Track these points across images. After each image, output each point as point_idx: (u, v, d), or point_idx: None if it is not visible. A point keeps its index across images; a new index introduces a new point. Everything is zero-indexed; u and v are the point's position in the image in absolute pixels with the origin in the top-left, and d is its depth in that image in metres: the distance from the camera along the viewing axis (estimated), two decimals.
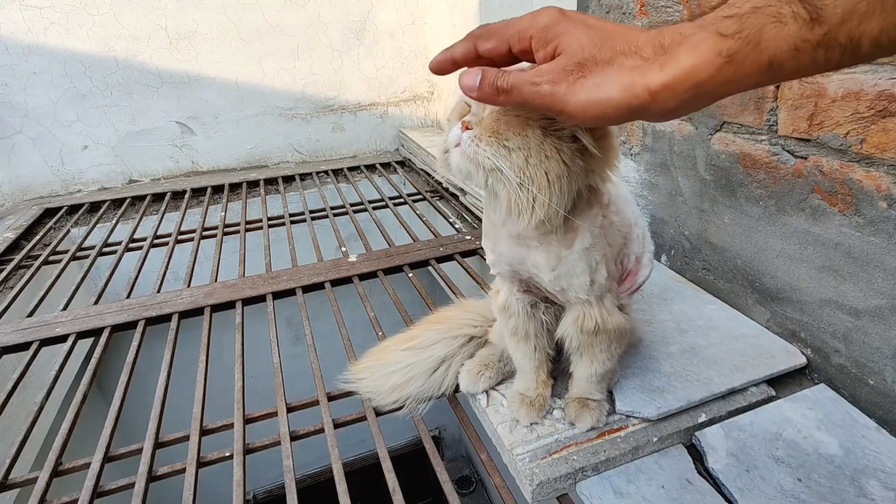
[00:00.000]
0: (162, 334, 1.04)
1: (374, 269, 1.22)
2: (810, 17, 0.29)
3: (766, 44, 0.31)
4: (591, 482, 0.64)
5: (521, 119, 0.47)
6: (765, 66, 0.32)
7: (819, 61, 0.31)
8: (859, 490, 0.59)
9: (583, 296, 0.58)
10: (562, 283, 0.57)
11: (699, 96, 0.35)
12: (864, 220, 0.67)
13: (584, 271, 0.56)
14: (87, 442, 0.89)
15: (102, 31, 1.86)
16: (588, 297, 0.58)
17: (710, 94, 0.35)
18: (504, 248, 0.58)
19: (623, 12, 1.04)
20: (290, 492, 0.69)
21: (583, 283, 0.57)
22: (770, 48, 0.31)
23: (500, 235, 0.58)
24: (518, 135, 0.47)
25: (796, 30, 0.30)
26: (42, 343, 1.04)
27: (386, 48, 2.24)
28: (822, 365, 0.77)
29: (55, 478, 0.77)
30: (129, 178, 2.08)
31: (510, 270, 0.60)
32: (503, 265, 0.60)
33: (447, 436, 3.31)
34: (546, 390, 0.70)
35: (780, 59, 0.31)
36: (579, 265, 0.56)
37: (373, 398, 0.79)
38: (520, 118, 0.47)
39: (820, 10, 0.29)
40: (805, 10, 0.30)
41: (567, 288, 0.57)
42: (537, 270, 0.57)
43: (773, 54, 0.31)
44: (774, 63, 0.31)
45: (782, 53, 0.31)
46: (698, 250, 0.98)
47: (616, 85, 0.36)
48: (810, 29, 0.30)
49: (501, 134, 0.47)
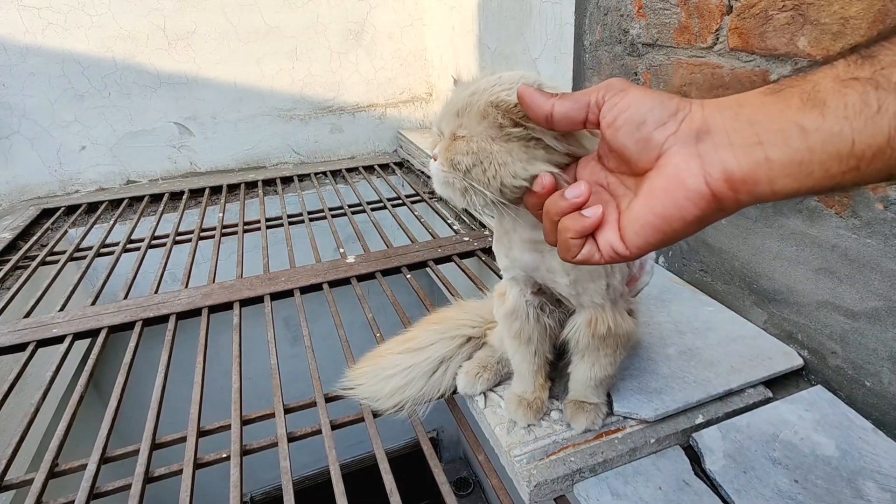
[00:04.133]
0: (159, 335, 1.03)
1: (372, 270, 1.22)
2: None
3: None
4: (588, 483, 0.64)
5: (466, 138, 0.48)
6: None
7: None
8: (856, 491, 0.59)
9: (598, 300, 0.57)
10: (577, 288, 0.56)
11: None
12: (861, 222, 0.67)
13: (600, 275, 0.56)
14: (84, 443, 0.89)
15: (100, 32, 1.86)
16: (603, 301, 0.58)
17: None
18: (517, 254, 0.58)
19: (621, 14, 1.05)
20: (288, 493, 0.69)
21: (599, 287, 0.56)
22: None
23: (512, 241, 0.58)
24: (468, 153, 0.47)
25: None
26: (39, 344, 1.03)
27: (384, 49, 2.24)
28: (819, 366, 0.77)
29: (51, 479, 0.77)
30: (127, 179, 2.08)
31: (525, 275, 0.60)
32: (517, 270, 0.60)
33: (445, 437, 3.31)
34: (544, 393, 0.70)
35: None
36: (596, 269, 0.55)
37: (372, 403, 0.78)
38: (465, 138, 0.48)
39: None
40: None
41: (582, 292, 0.57)
42: (552, 275, 0.56)
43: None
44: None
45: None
46: (696, 252, 0.98)
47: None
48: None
49: (455, 157, 0.48)
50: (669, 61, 0.95)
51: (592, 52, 1.17)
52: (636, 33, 1.02)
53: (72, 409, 0.86)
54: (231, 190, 1.98)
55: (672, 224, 0.35)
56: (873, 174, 0.28)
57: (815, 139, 0.29)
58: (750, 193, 0.33)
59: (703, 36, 0.86)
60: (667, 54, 0.95)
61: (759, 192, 0.32)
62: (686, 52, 0.91)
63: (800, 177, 0.30)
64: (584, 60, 1.20)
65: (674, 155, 0.35)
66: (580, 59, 1.22)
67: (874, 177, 0.29)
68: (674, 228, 0.36)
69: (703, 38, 0.86)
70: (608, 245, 0.39)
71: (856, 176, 0.29)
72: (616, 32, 1.07)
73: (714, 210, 0.34)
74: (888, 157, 0.27)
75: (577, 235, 0.40)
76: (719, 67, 0.85)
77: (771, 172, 0.31)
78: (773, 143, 0.31)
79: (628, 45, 1.05)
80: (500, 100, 0.45)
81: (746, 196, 0.33)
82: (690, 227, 0.35)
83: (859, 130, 0.28)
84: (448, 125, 0.49)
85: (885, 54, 0.27)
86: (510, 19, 1.53)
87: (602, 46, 1.13)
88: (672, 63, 0.94)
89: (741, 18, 0.79)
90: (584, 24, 1.17)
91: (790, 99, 0.31)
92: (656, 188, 0.36)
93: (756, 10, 0.76)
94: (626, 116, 0.37)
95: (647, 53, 1.00)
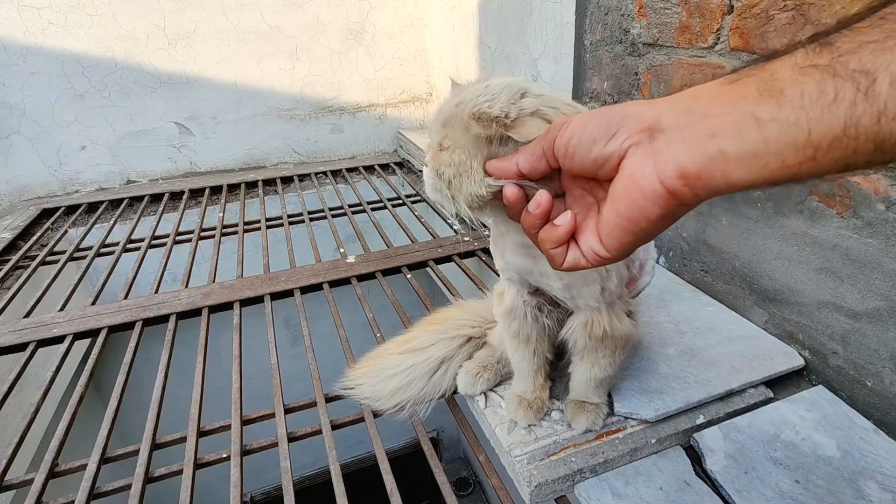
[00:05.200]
0: (159, 335, 1.03)
1: (373, 270, 1.22)
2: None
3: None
4: (589, 484, 0.64)
5: (450, 149, 0.48)
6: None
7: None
8: (857, 492, 0.59)
9: (593, 303, 0.57)
10: (572, 292, 0.56)
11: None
12: (862, 223, 0.67)
13: (594, 280, 0.56)
14: (84, 443, 0.88)
15: (101, 32, 1.86)
16: (598, 305, 0.58)
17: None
18: (511, 258, 0.58)
19: (621, 14, 1.04)
20: (288, 493, 0.69)
21: (593, 291, 0.56)
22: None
23: (506, 244, 0.58)
24: (450, 164, 0.48)
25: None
26: (39, 344, 1.03)
27: (385, 49, 2.24)
28: (820, 367, 0.77)
29: (51, 479, 0.76)
30: (127, 179, 2.08)
31: (520, 277, 0.60)
32: (512, 272, 0.60)
33: (445, 437, 3.31)
34: (544, 393, 0.70)
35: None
36: (590, 274, 0.55)
37: (373, 403, 0.78)
38: (449, 149, 0.48)
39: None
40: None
41: (577, 296, 0.57)
42: (546, 279, 0.57)
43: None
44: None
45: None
46: (696, 252, 0.98)
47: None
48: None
49: (440, 167, 0.49)
50: (670, 61, 0.95)
51: (593, 51, 1.17)
52: (637, 33, 1.01)
53: (72, 409, 0.86)
54: (231, 190, 1.97)
55: (638, 224, 0.36)
56: (830, 164, 0.28)
57: (770, 130, 0.29)
58: (706, 188, 0.32)
59: (704, 36, 0.86)
60: (668, 54, 0.95)
61: (715, 186, 0.32)
62: (687, 52, 0.91)
63: (755, 168, 0.30)
64: (584, 60, 1.20)
65: (630, 157, 0.35)
66: (581, 58, 1.22)
67: (831, 167, 0.28)
68: (641, 228, 0.36)
69: (705, 37, 0.86)
70: (590, 249, 0.40)
71: (813, 167, 0.28)
72: (617, 32, 1.07)
73: (675, 206, 0.34)
74: (844, 146, 0.27)
75: (554, 245, 0.41)
76: (720, 67, 0.84)
77: (725, 166, 0.31)
78: (726, 136, 0.30)
79: (629, 45, 1.04)
80: (480, 112, 0.46)
81: (703, 191, 0.33)
82: (657, 224, 0.35)
83: (816, 119, 0.27)
84: (435, 135, 0.50)
85: (843, 41, 0.27)
86: (511, 19, 1.53)
87: (603, 46, 1.13)
88: (673, 63, 0.94)
89: (742, 18, 0.79)
90: (585, 23, 1.17)
91: (747, 88, 0.30)
92: (617, 191, 0.36)
93: (757, 10, 0.76)
94: (575, 142, 0.38)
95: (648, 53, 1.00)
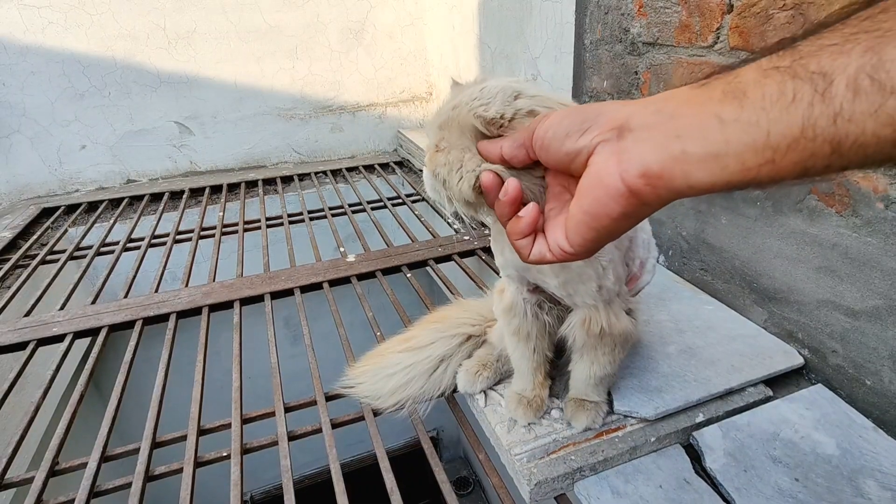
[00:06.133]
0: (159, 334, 1.03)
1: (373, 269, 1.22)
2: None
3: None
4: (588, 482, 0.64)
5: (445, 151, 0.49)
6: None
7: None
8: (856, 490, 0.59)
9: (590, 301, 0.58)
10: (568, 289, 0.57)
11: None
12: (862, 221, 0.67)
13: (590, 278, 0.56)
14: (84, 441, 0.89)
15: (101, 31, 1.86)
16: (595, 302, 0.58)
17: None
18: (510, 255, 0.58)
19: (621, 13, 1.04)
20: (288, 492, 0.69)
21: (590, 290, 0.57)
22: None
23: (505, 241, 0.58)
24: (444, 165, 0.49)
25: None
26: (39, 343, 1.03)
27: (385, 49, 2.24)
28: (820, 365, 0.77)
29: (52, 477, 0.77)
30: (127, 178, 2.08)
31: (519, 274, 0.60)
32: (511, 269, 0.60)
33: (445, 436, 3.31)
34: (543, 391, 0.70)
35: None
36: (586, 272, 0.56)
37: (373, 402, 0.79)
38: (444, 151, 0.49)
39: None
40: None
41: (574, 293, 0.57)
42: (543, 276, 0.57)
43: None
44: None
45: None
46: (696, 251, 0.98)
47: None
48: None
49: (436, 169, 0.50)
50: (670, 60, 0.95)
51: (593, 50, 1.17)
52: (637, 32, 1.02)
53: (72, 408, 0.86)
54: (231, 189, 1.97)
55: (600, 221, 0.36)
56: (789, 168, 0.28)
57: (731, 130, 0.29)
58: (667, 188, 0.32)
59: (703, 35, 0.86)
60: (667, 53, 0.95)
61: (676, 187, 0.32)
62: (687, 51, 0.91)
63: (715, 170, 0.30)
64: (584, 59, 1.20)
65: (597, 154, 0.36)
66: (581, 58, 1.22)
67: (790, 171, 0.28)
68: (603, 225, 0.36)
69: (704, 37, 0.86)
70: (556, 243, 0.40)
71: (771, 169, 0.28)
72: (617, 31, 1.07)
73: (637, 205, 0.34)
74: (802, 148, 0.27)
75: (519, 236, 0.42)
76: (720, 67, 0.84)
77: (687, 166, 0.31)
78: (690, 136, 0.31)
79: (629, 44, 1.05)
80: (476, 115, 0.46)
81: (665, 191, 0.33)
82: (618, 223, 0.36)
83: (775, 120, 0.27)
84: (432, 136, 0.51)
85: (805, 45, 0.27)
86: (510, 18, 1.53)
87: (603, 45, 1.13)
88: (672, 62, 0.94)
89: (742, 17, 0.79)
90: (585, 22, 1.17)
91: (713, 91, 0.31)
92: (583, 187, 0.37)
93: (757, 9, 0.76)
94: (551, 135, 0.38)
95: (648, 52, 1.00)
